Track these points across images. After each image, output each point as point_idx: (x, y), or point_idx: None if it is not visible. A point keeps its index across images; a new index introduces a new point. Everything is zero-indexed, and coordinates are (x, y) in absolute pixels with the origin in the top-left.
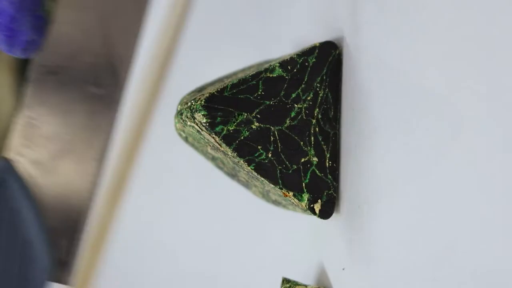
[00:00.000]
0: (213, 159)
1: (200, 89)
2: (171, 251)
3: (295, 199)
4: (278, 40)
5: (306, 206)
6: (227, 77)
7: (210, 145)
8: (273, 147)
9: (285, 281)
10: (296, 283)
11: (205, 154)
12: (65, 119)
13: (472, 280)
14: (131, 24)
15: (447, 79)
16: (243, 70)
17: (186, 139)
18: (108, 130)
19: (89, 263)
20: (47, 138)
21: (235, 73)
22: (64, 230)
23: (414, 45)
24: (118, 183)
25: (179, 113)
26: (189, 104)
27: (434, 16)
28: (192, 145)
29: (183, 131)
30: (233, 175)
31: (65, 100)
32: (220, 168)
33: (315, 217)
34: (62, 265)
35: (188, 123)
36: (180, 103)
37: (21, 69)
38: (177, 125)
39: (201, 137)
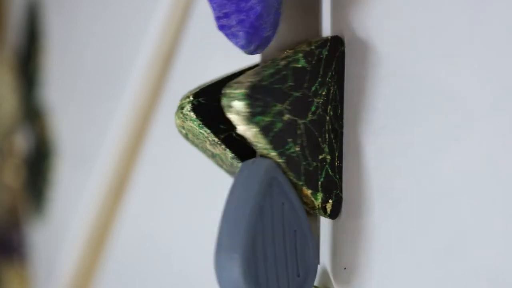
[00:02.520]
0: (213, 156)
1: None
2: (171, 251)
3: (312, 197)
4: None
5: (319, 205)
6: (229, 74)
7: (209, 141)
8: (300, 140)
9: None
10: None
11: (205, 151)
12: None
13: (474, 279)
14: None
15: (452, 77)
16: (245, 68)
17: (186, 136)
18: None
19: (90, 264)
20: None
21: (238, 71)
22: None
23: (417, 43)
24: (118, 182)
25: (180, 108)
26: (226, 91)
27: (437, 13)
28: (192, 142)
29: (183, 127)
30: (232, 172)
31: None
32: (220, 166)
33: (317, 218)
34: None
35: (188, 118)
36: (182, 99)
37: (22, 69)
38: (177, 121)
39: (201, 132)
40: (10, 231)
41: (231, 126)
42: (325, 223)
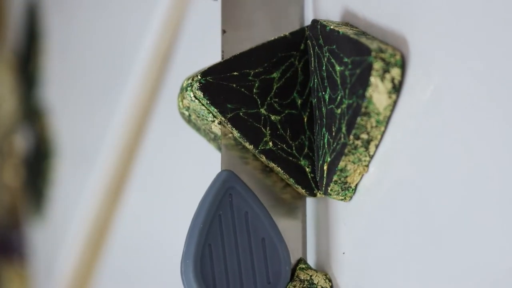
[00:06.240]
0: (215, 139)
1: None
2: (171, 251)
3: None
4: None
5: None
6: (237, 54)
7: (218, 120)
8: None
9: (303, 261)
10: (308, 267)
11: (206, 134)
12: None
13: (469, 264)
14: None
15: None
16: (252, 48)
17: (189, 118)
18: None
19: (89, 263)
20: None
21: (247, 50)
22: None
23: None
24: (118, 182)
25: (188, 87)
26: None
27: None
28: (195, 125)
29: (188, 108)
30: None
31: None
32: (220, 150)
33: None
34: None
35: (197, 96)
36: (188, 79)
37: (22, 69)
38: (182, 103)
39: (209, 111)
40: (10, 231)
41: (239, 106)
42: (324, 208)
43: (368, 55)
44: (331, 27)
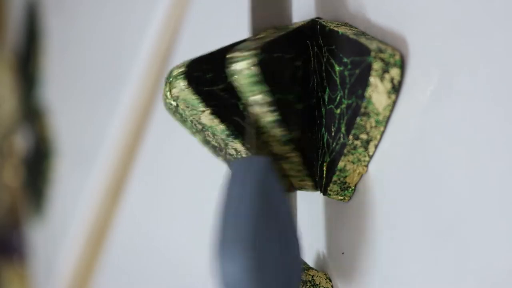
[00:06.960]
0: (202, 130)
1: None
2: (170, 250)
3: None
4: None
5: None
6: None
7: (210, 110)
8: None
9: (303, 261)
10: (309, 267)
11: (192, 126)
12: None
13: (469, 263)
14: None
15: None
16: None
17: (176, 108)
18: None
19: (89, 263)
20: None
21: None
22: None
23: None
24: (117, 182)
25: (177, 76)
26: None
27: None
28: (181, 117)
29: (177, 98)
30: (220, 149)
31: None
32: (206, 142)
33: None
34: None
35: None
36: (178, 67)
37: (22, 69)
38: (169, 92)
39: (199, 103)
40: (10, 231)
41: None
42: (324, 207)
43: (367, 55)
44: (331, 27)
